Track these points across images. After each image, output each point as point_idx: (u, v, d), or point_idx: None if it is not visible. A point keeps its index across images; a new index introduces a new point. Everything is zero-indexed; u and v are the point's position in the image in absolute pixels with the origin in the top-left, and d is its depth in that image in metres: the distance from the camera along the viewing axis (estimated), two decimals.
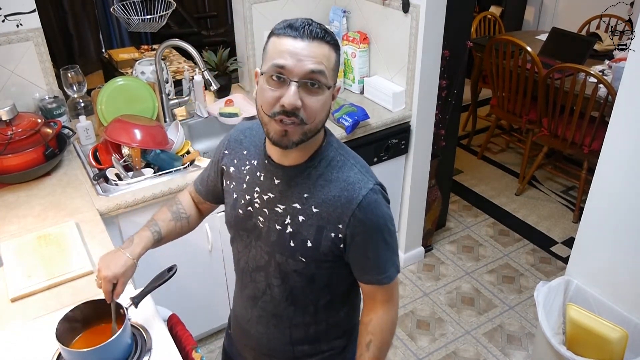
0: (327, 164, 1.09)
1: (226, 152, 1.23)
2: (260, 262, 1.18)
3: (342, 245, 1.09)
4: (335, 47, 1.02)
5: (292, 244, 1.10)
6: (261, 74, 1.02)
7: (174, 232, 1.33)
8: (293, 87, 0.97)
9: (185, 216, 1.34)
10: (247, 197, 1.16)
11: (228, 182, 1.22)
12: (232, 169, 1.21)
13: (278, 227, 1.11)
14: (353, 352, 1.29)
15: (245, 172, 1.17)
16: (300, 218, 1.09)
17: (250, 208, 1.16)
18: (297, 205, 1.09)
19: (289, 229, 1.10)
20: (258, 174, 1.14)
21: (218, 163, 1.26)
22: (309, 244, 1.09)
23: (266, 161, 1.12)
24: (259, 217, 1.15)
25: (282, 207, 1.11)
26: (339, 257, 1.12)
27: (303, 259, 1.11)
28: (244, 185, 1.17)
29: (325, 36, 0.99)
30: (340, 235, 1.08)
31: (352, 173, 1.09)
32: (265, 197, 1.13)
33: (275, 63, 0.97)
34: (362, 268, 1.13)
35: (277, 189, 1.11)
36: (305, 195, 1.08)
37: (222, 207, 1.31)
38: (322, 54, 0.99)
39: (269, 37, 1.03)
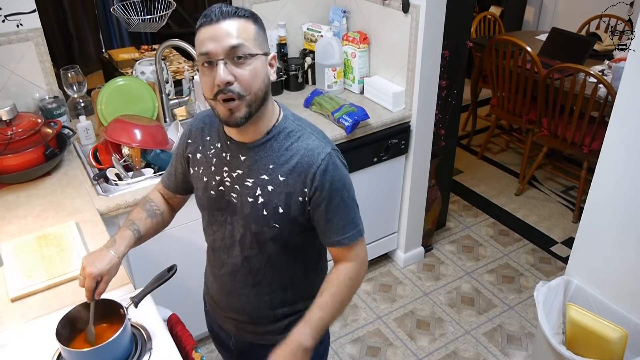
0: (287, 135, 1.17)
1: (189, 141, 1.31)
2: (236, 237, 1.24)
3: (308, 208, 1.17)
4: (251, 18, 1.09)
5: (265, 213, 1.17)
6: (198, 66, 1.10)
7: (151, 229, 1.38)
8: (220, 65, 1.05)
9: (159, 212, 1.41)
10: (217, 178, 1.23)
11: (196, 169, 1.29)
12: (198, 155, 1.28)
13: (250, 199, 1.18)
14: None
15: (211, 155, 1.25)
16: (270, 188, 1.17)
17: (221, 187, 1.23)
18: (264, 176, 1.17)
19: (261, 199, 1.17)
20: (224, 154, 1.22)
21: (183, 154, 1.33)
22: (281, 210, 1.17)
23: (228, 142, 1.21)
24: (232, 193, 1.22)
25: (251, 180, 1.18)
26: (308, 220, 1.20)
27: (277, 225, 1.18)
28: (212, 168, 1.24)
29: (237, 12, 1.07)
30: (305, 199, 1.16)
31: (311, 141, 1.17)
32: (234, 175, 1.20)
33: (200, 52, 1.06)
34: (323, 231, 1.20)
35: (245, 164, 1.19)
36: (271, 166, 1.16)
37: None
38: (238, 28, 1.06)
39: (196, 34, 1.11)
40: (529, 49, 3.19)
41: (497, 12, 4.62)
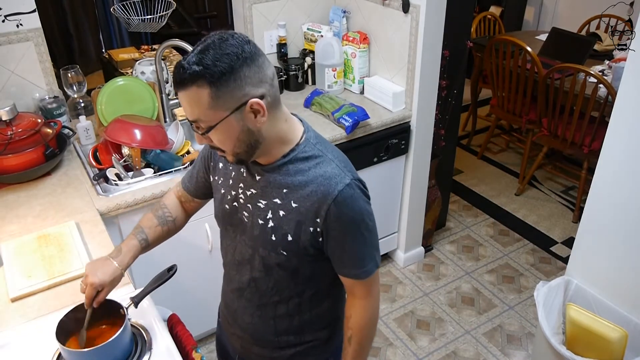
0: (305, 159, 1.10)
1: None
2: (245, 256, 1.21)
3: (320, 239, 1.11)
4: (202, 78, 0.93)
5: (273, 238, 1.13)
6: None
7: (161, 237, 1.35)
8: (195, 132, 1.04)
9: (171, 219, 1.37)
10: (233, 193, 1.19)
11: (216, 178, 1.26)
12: (220, 164, 1.24)
13: (260, 221, 1.14)
14: (337, 343, 1.34)
15: (231, 168, 1.21)
16: (281, 213, 1.11)
17: (235, 203, 1.19)
18: (277, 200, 1.11)
19: (271, 224, 1.13)
20: (242, 170, 1.18)
21: (207, 159, 1.29)
22: (290, 238, 1.11)
23: None
24: (244, 212, 1.18)
25: (263, 202, 1.13)
26: (320, 251, 1.14)
27: (284, 253, 1.13)
28: (230, 181, 1.20)
29: (183, 80, 0.95)
30: (318, 229, 1.10)
31: (330, 168, 1.09)
32: (248, 193, 1.16)
33: None
34: (340, 262, 1.16)
35: (259, 185, 1.14)
36: (285, 190, 1.11)
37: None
38: (189, 100, 0.97)
39: None
40: (529, 49, 3.19)
41: (497, 12, 4.62)
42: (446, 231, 3.21)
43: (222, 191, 1.22)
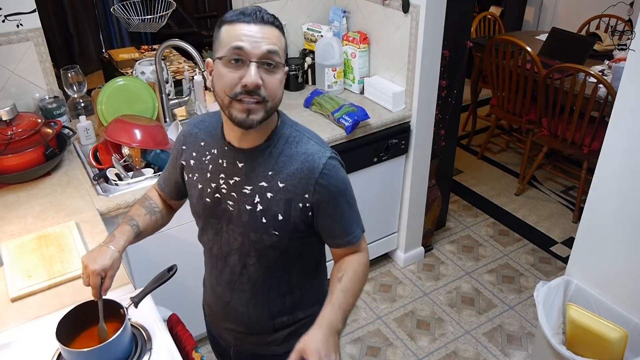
0: (285, 140, 1.16)
1: (184, 147, 1.28)
2: (233, 245, 1.22)
3: (310, 214, 1.16)
4: (283, 31, 1.09)
5: (264, 221, 1.16)
6: (219, 59, 1.06)
7: (150, 225, 1.37)
8: (253, 66, 1.03)
9: (158, 210, 1.39)
10: (213, 185, 1.20)
11: (190, 176, 1.27)
12: (192, 162, 1.25)
13: (248, 207, 1.16)
14: None
15: (207, 162, 1.22)
16: (269, 195, 1.14)
17: (217, 195, 1.20)
18: (263, 183, 1.15)
19: (260, 207, 1.15)
20: (220, 161, 1.19)
21: (177, 160, 1.30)
22: (280, 217, 1.15)
23: (226, 148, 1.18)
24: (228, 201, 1.19)
25: (249, 187, 1.16)
26: (309, 227, 1.18)
27: (276, 233, 1.16)
28: (208, 175, 1.21)
29: (274, 21, 1.07)
30: (307, 205, 1.14)
31: (309, 146, 1.15)
32: (231, 182, 1.18)
33: (233, 45, 1.03)
34: (331, 233, 1.20)
35: (242, 171, 1.16)
36: (270, 172, 1.14)
37: None
38: (275, 35, 1.06)
39: (219, 25, 1.08)
40: (529, 49, 3.19)
41: (497, 12, 4.62)
42: (446, 231, 3.21)
43: (200, 186, 1.23)
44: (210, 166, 1.21)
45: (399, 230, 2.84)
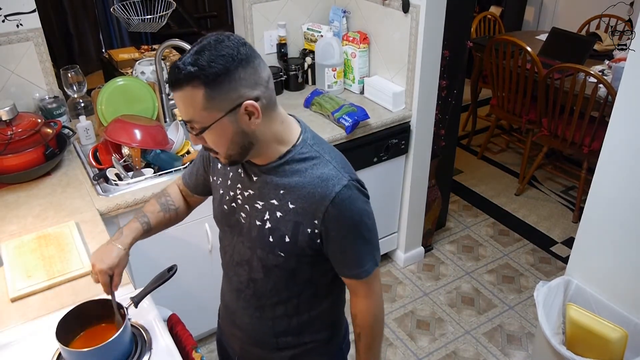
0: (302, 160, 1.09)
1: None
2: (244, 257, 1.20)
3: (318, 241, 1.11)
4: (197, 79, 0.93)
5: (271, 239, 1.12)
6: None
7: (162, 222, 1.36)
8: (190, 132, 1.03)
9: (173, 208, 1.38)
10: (231, 194, 1.19)
11: (215, 178, 1.25)
12: (219, 165, 1.24)
13: (258, 222, 1.14)
14: (337, 344, 1.35)
15: (229, 168, 1.20)
16: (278, 214, 1.11)
17: (233, 204, 1.19)
18: (274, 201, 1.11)
19: (268, 225, 1.12)
20: (239, 170, 1.17)
21: (206, 159, 1.29)
22: (287, 239, 1.11)
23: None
24: (241, 213, 1.17)
25: (261, 203, 1.13)
26: (318, 252, 1.13)
27: (282, 254, 1.13)
28: (229, 182, 1.20)
29: (178, 80, 0.94)
30: (316, 231, 1.09)
31: (327, 169, 1.08)
32: (246, 194, 1.16)
33: None
34: (340, 263, 1.16)
35: (256, 185, 1.13)
36: (282, 191, 1.10)
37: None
38: (184, 101, 0.97)
39: None
40: (529, 49, 3.19)
41: (497, 12, 4.62)
42: (446, 231, 3.21)
43: (221, 191, 1.22)
44: (231, 174, 1.19)
45: (399, 230, 2.84)
